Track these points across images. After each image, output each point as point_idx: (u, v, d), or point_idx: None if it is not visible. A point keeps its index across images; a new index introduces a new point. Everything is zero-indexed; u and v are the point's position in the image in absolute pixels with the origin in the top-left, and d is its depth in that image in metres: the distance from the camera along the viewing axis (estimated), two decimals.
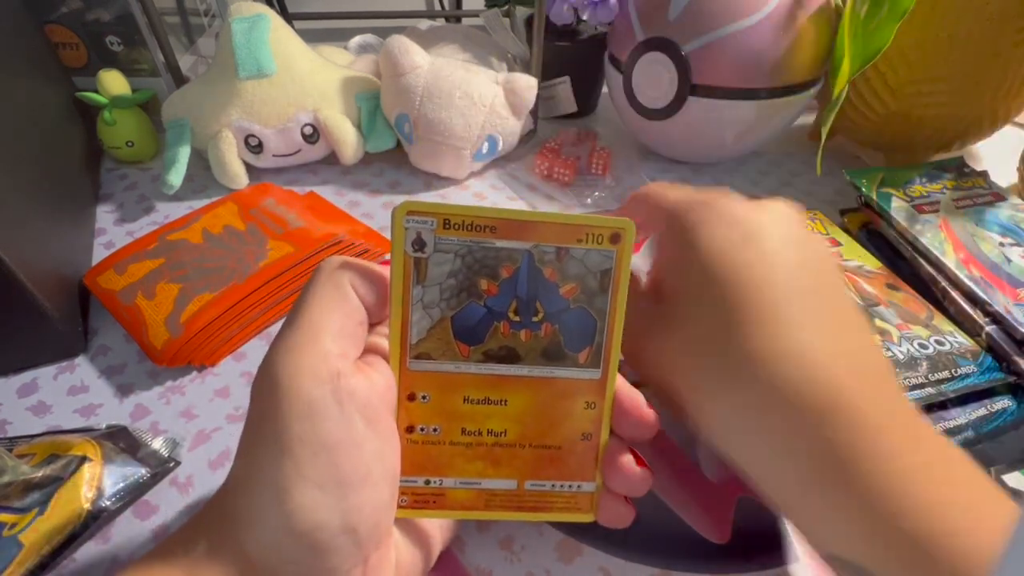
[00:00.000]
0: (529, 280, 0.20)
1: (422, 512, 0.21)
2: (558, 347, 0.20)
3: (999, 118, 0.46)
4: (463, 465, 0.21)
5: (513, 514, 0.22)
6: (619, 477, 0.22)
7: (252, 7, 0.46)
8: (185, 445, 0.30)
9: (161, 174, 0.44)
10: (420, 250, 0.19)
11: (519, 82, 0.46)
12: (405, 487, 0.20)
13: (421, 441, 0.20)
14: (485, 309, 0.20)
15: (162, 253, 0.37)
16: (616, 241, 0.20)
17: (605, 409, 0.21)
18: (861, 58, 0.39)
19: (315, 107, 0.46)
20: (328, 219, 0.42)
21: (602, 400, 0.21)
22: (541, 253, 0.20)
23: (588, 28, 0.56)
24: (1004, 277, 0.35)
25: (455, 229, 0.19)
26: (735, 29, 0.41)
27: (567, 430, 0.21)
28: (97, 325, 0.37)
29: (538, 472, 0.21)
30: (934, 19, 0.41)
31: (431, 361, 0.20)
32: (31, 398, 0.33)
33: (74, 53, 0.49)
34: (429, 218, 0.19)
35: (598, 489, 0.22)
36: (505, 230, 0.19)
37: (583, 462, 0.22)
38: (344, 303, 0.19)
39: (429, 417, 0.20)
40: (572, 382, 0.21)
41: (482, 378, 0.20)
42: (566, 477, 0.22)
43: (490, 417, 0.21)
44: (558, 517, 0.22)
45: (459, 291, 0.20)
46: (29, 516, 0.25)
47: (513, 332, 0.20)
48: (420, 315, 0.19)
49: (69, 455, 0.27)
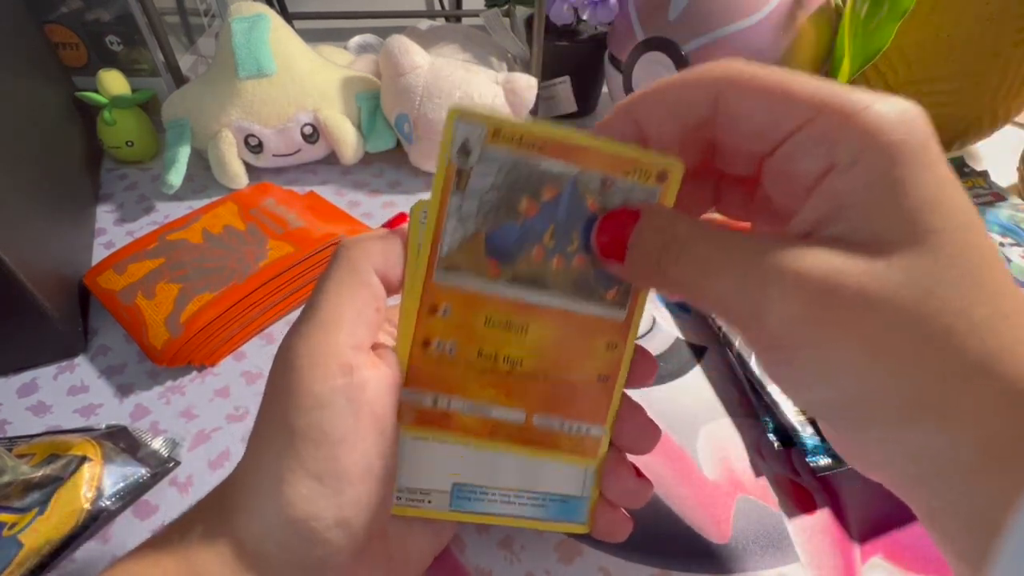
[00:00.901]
0: (570, 206, 0.19)
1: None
2: (587, 281, 0.20)
3: (999, 118, 0.46)
4: (475, 389, 0.20)
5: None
6: (618, 487, 0.21)
7: (252, 7, 0.46)
8: (185, 445, 0.30)
9: (161, 174, 0.44)
10: (465, 157, 0.18)
11: (519, 82, 0.46)
12: (411, 403, 0.20)
13: (436, 358, 0.20)
14: (521, 229, 0.19)
15: (162, 253, 0.37)
16: (662, 179, 0.19)
17: (626, 353, 0.21)
18: (861, 58, 0.39)
19: (315, 107, 0.46)
20: (328, 219, 0.42)
21: (624, 342, 0.21)
22: (586, 180, 0.19)
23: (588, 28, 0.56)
24: None
25: (504, 140, 0.18)
26: (735, 29, 0.41)
27: (585, 368, 0.21)
28: (97, 325, 0.37)
29: (549, 407, 0.21)
30: (934, 19, 0.41)
31: (458, 274, 0.19)
32: (31, 398, 0.33)
33: (74, 53, 0.49)
34: (480, 125, 0.18)
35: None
36: (554, 150, 0.18)
37: (596, 404, 0.21)
38: (362, 290, 0.18)
39: (448, 333, 0.20)
40: (596, 320, 0.20)
41: (507, 302, 0.20)
42: (575, 417, 0.21)
43: (509, 343, 0.20)
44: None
45: (498, 207, 0.19)
46: (29, 516, 0.25)
47: (545, 258, 0.19)
48: (455, 225, 0.19)
49: (69, 455, 0.27)
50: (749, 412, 0.31)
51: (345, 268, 0.19)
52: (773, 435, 0.29)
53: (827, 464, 0.27)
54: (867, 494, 0.28)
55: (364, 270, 0.19)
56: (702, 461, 0.29)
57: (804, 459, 0.27)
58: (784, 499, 0.28)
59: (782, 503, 0.28)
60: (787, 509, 0.27)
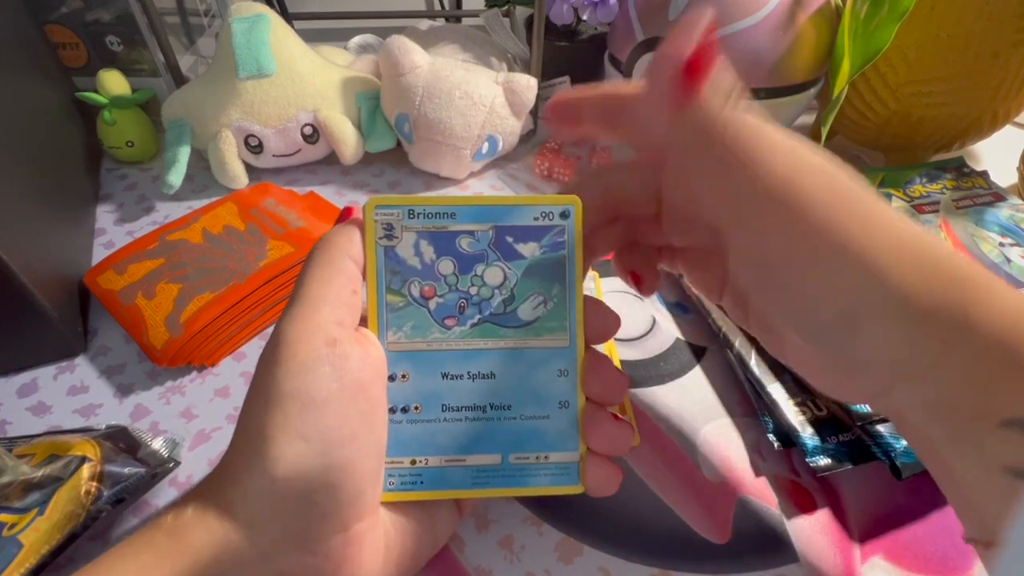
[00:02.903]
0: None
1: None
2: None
3: (999, 118, 0.46)
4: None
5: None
6: (599, 435, 0.22)
7: (252, 7, 0.46)
8: (185, 445, 0.30)
9: (161, 174, 0.44)
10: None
11: (519, 82, 0.46)
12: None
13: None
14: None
15: (162, 253, 0.37)
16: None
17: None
18: (861, 58, 0.39)
19: (315, 107, 0.46)
20: (328, 219, 0.42)
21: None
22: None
23: (588, 28, 0.56)
24: (1004, 277, 0.35)
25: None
26: (735, 29, 0.41)
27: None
28: (97, 325, 0.37)
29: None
30: (934, 19, 0.41)
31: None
32: (31, 398, 0.33)
33: (74, 53, 0.49)
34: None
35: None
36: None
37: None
38: (339, 275, 0.20)
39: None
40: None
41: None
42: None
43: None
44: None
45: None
46: (29, 516, 0.25)
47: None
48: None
49: (69, 455, 0.27)
50: (749, 412, 0.31)
51: (322, 258, 0.21)
52: (773, 435, 0.29)
53: (827, 464, 0.27)
54: (867, 494, 0.28)
55: (338, 258, 0.21)
56: (702, 461, 0.29)
57: (804, 459, 0.27)
58: (784, 499, 0.28)
59: (782, 503, 0.28)
60: (787, 509, 0.27)
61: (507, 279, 0.22)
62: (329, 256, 0.21)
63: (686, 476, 0.29)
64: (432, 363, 0.22)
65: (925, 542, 0.26)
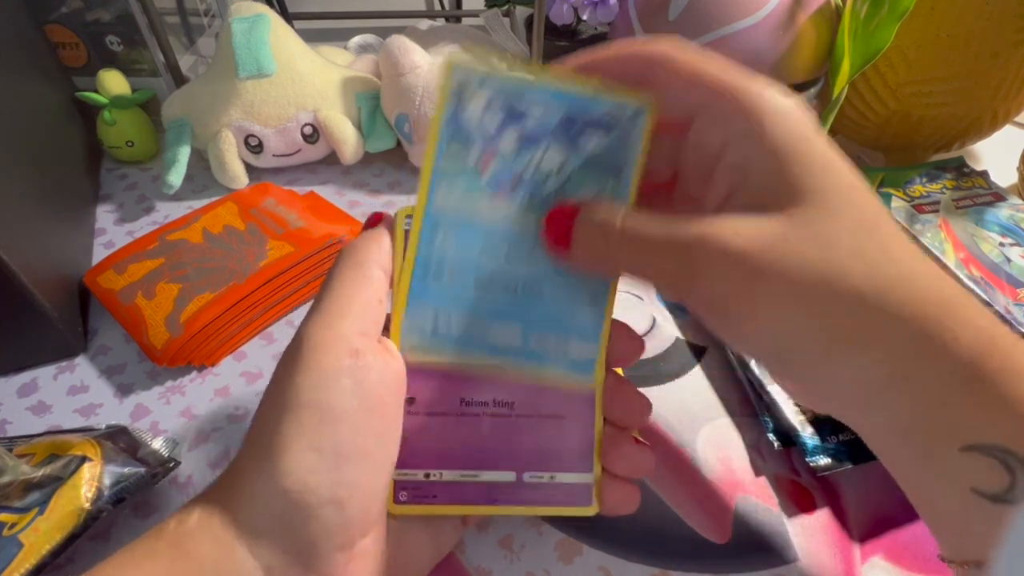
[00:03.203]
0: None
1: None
2: None
3: (999, 118, 0.46)
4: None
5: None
6: (620, 459, 0.22)
7: (252, 7, 0.46)
8: (185, 445, 0.30)
9: (161, 174, 0.44)
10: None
11: None
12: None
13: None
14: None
15: (162, 253, 0.37)
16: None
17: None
18: (861, 58, 0.39)
19: (315, 107, 0.46)
20: (328, 219, 0.42)
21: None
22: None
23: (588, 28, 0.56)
24: (1004, 277, 0.35)
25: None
26: (735, 29, 0.41)
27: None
28: (97, 325, 0.37)
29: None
30: (934, 19, 0.41)
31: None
32: (31, 398, 0.33)
33: (74, 53, 0.49)
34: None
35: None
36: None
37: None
38: (367, 284, 0.20)
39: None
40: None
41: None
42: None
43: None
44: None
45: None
46: (29, 516, 0.25)
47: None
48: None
49: (69, 455, 0.27)
50: (749, 412, 0.31)
51: (350, 265, 0.20)
52: (773, 435, 0.29)
53: (827, 464, 0.27)
54: (867, 494, 0.28)
55: (367, 266, 0.20)
56: (702, 461, 0.29)
57: (804, 459, 0.27)
58: (784, 499, 0.28)
59: (782, 503, 0.28)
60: (787, 509, 0.27)
61: (564, 166, 0.21)
62: (357, 262, 0.20)
63: (686, 476, 0.29)
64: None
65: (925, 542, 0.26)
